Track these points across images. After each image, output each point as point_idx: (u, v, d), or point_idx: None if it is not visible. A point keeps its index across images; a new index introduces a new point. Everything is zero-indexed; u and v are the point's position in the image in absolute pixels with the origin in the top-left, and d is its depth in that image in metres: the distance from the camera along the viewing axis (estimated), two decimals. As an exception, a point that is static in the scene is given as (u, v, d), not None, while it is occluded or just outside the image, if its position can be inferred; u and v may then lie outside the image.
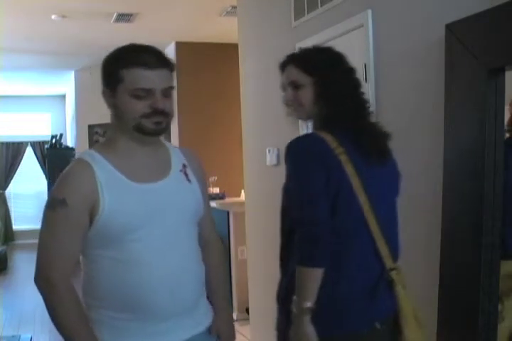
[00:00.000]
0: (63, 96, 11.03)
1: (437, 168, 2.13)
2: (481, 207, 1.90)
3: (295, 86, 1.82)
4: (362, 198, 1.71)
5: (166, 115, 1.61)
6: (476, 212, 1.92)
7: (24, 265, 9.11)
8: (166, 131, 1.66)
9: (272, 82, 2.44)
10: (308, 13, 3.18)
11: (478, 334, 1.90)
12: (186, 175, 1.73)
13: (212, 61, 7.04)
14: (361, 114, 1.84)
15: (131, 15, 5.83)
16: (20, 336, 4.73)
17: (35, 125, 11.22)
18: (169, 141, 7.90)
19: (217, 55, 6.97)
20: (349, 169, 1.70)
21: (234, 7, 5.05)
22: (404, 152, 2.45)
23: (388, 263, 1.79)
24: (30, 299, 6.48)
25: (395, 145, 2.52)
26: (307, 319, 1.66)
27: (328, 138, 1.72)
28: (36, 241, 1.63)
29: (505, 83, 1.89)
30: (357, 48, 2.71)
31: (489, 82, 1.90)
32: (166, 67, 1.62)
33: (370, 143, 1.79)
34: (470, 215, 1.96)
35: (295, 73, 1.82)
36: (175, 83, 1.61)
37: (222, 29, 6.27)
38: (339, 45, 2.90)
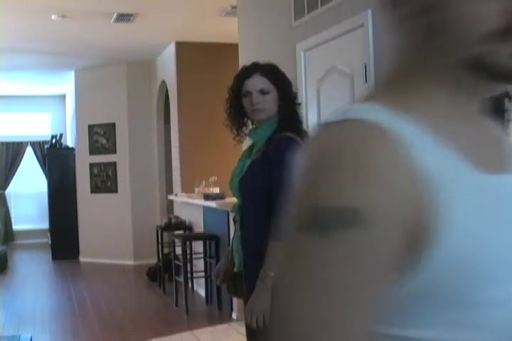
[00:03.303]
0: (63, 96, 11.03)
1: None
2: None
3: (263, 92, 2.17)
4: None
5: None
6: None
7: (24, 265, 9.12)
8: None
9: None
10: (308, 13, 3.18)
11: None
12: None
13: (212, 61, 7.05)
14: (300, 119, 2.25)
15: (131, 15, 5.83)
16: (20, 336, 4.73)
17: (35, 125, 11.23)
18: (169, 141, 7.92)
19: (217, 55, 6.97)
20: None
21: (234, 7, 5.05)
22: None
23: None
24: (30, 299, 6.49)
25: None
26: (269, 286, 1.98)
27: (300, 142, 2.08)
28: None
29: (505, 83, 1.89)
30: (357, 48, 2.71)
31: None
32: None
33: None
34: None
35: (263, 81, 2.18)
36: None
37: (222, 29, 6.27)
38: (339, 45, 2.90)
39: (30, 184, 11.19)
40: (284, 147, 2.06)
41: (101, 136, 8.73)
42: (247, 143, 2.43)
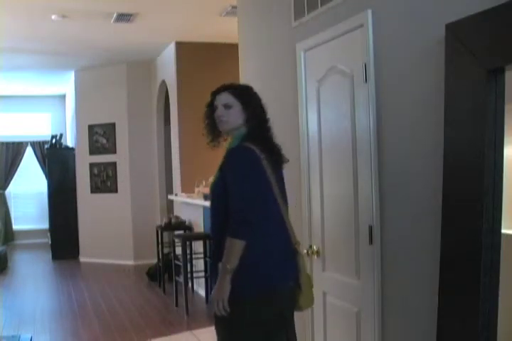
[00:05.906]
0: (63, 96, 11.04)
1: (437, 167, 2.13)
2: (481, 207, 1.90)
3: (226, 106, 2.46)
4: (276, 192, 2.42)
5: None
6: (476, 211, 1.92)
7: (24, 265, 9.12)
8: None
9: (272, 81, 2.44)
10: (308, 13, 3.18)
11: (478, 334, 1.90)
12: None
13: (212, 61, 7.05)
14: (269, 132, 2.51)
15: (131, 15, 5.83)
16: (20, 336, 4.73)
17: (35, 125, 11.23)
18: (169, 141, 7.92)
19: (217, 55, 6.97)
20: (268, 170, 2.39)
21: (234, 7, 5.05)
22: (404, 152, 2.45)
23: (293, 238, 2.48)
24: (30, 299, 6.49)
25: (394, 145, 2.52)
26: (228, 277, 2.24)
27: (255, 148, 2.36)
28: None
29: (505, 83, 1.90)
30: (357, 48, 2.71)
31: (489, 82, 1.90)
32: None
33: (276, 154, 2.48)
34: (470, 215, 1.96)
35: (228, 98, 2.47)
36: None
37: (222, 29, 6.27)
38: (339, 45, 2.90)
39: (30, 184, 11.19)
40: (230, 155, 2.37)
41: (101, 136, 8.73)
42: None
